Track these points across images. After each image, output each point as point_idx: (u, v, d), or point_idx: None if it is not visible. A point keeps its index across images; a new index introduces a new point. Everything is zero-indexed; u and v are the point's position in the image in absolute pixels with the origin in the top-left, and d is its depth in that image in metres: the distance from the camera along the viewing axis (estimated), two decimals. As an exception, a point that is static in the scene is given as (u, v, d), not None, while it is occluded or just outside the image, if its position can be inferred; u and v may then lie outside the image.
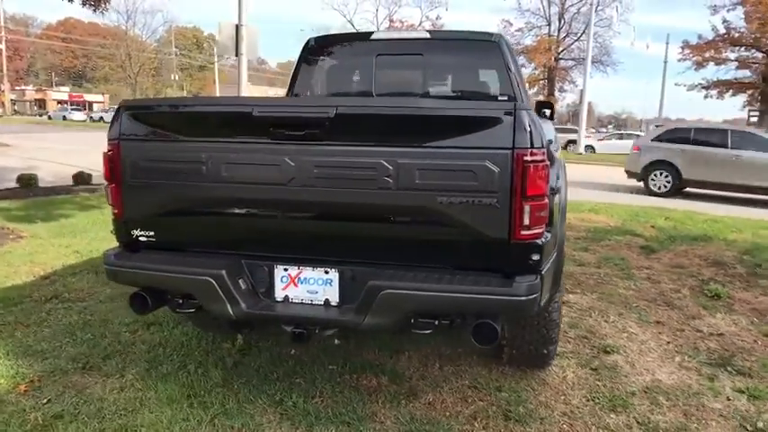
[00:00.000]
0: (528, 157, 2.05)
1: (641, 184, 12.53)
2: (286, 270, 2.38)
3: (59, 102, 61.79)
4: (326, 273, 2.34)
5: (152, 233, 2.46)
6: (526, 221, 2.09)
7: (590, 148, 28.81)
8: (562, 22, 35.73)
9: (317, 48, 4.12)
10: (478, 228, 2.12)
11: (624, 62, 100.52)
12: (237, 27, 10.69)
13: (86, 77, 75.58)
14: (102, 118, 49.76)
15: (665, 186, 12.14)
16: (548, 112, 3.88)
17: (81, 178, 10.42)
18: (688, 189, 12.28)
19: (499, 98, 3.77)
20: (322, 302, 2.36)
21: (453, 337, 3.35)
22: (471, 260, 2.23)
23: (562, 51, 38.29)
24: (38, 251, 5.40)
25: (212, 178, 2.28)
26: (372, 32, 4.05)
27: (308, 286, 2.37)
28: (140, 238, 2.48)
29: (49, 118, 50.62)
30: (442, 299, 2.14)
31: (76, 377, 2.97)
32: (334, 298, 2.35)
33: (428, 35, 3.88)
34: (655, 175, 12.26)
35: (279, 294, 2.40)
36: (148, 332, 3.54)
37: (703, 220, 7.66)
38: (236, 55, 10.84)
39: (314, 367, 3.10)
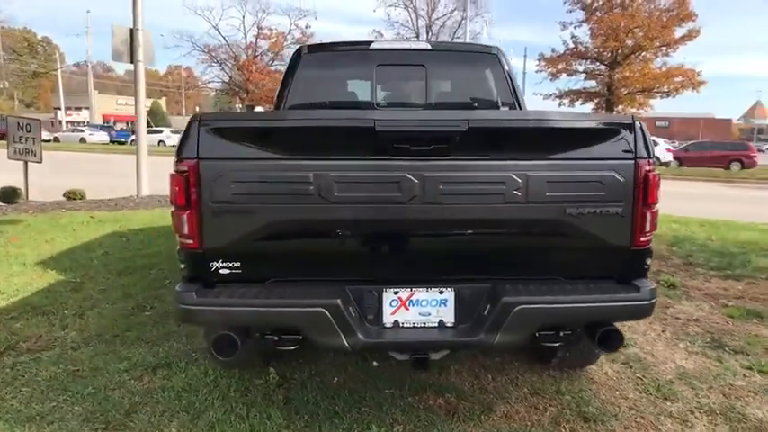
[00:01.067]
0: (647, 167, 2.14)
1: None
2: (396, 293, 2.23)
3: None
4: (441, 293, 2.24)
5: (237, 264, 2.17)
6: (647, 228, 2.18)
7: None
8: (430, 34, 37.44)
9: (310, 57, 3.91)
10: (603, 236, 2.16)
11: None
12: (132, 31, 9.83)
13: None
14: None
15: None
16: None
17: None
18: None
19: (501, 108, 3.87)
20: (436, 324, 2.25)
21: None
22: (587, 269, 2.27)
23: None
24: (-53, 294, 4.49)
25: (321, 199, 2.07)
26: (371, 42, 3.95)
27: (421, 308, 2.25)
28: (221, 271, 2.18)
29: None
30: (574, 310, 2.15)
31: (104, 440, 2.52)
32: (449, 318, 2.25)
33: (429, 46, 3.87)
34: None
35: (388, 320, 2.24)
36: (157, 377, 3.11)
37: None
38: (132, 62, 9.95)
39: (370, 393, 2.93)
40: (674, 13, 27.30)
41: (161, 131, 40.50)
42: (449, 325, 2.25)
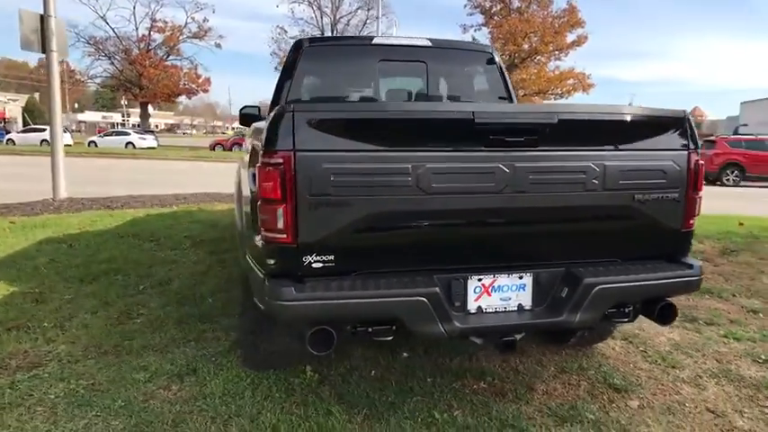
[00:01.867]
0: (696, 157, 2.40)
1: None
2: (480, 280, 2.31)
3: None
4: (520, 278, 2.35)
5: (331, 257, 2.14)
6: (696, 212, 2.43)
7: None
8: (335, 32, 37.46)
9: (312, 50, 3.85)
10: (662, 220, 2.39)
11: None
12: (44, 18, 8.97)
13: None
14: None
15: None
16: None
17: None
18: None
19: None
20: (515, 308, 2.36)
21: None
22: (643, 250, 2.48)
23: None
24: None
25: (419, 190, 2.10)
26: (373, 37, 3.97)
27: (502, 294, 2.35)
28: (314, 265, 2.13)
29: None
30: (643, 287, 2.35)
31: (162, 453, 2.37)
32: (527, 302, 2.37)
33: (430, 43, 3.96)
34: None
35: (472, 306, 2.32)
36: (186, 384, 2.94)
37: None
38: (44, 52, 9.07)
39: (414, 382, 2.99)
40: (566, 19, 29.54)
41: (43, 130, 36.89)
42: (527, 308, 2.37)
